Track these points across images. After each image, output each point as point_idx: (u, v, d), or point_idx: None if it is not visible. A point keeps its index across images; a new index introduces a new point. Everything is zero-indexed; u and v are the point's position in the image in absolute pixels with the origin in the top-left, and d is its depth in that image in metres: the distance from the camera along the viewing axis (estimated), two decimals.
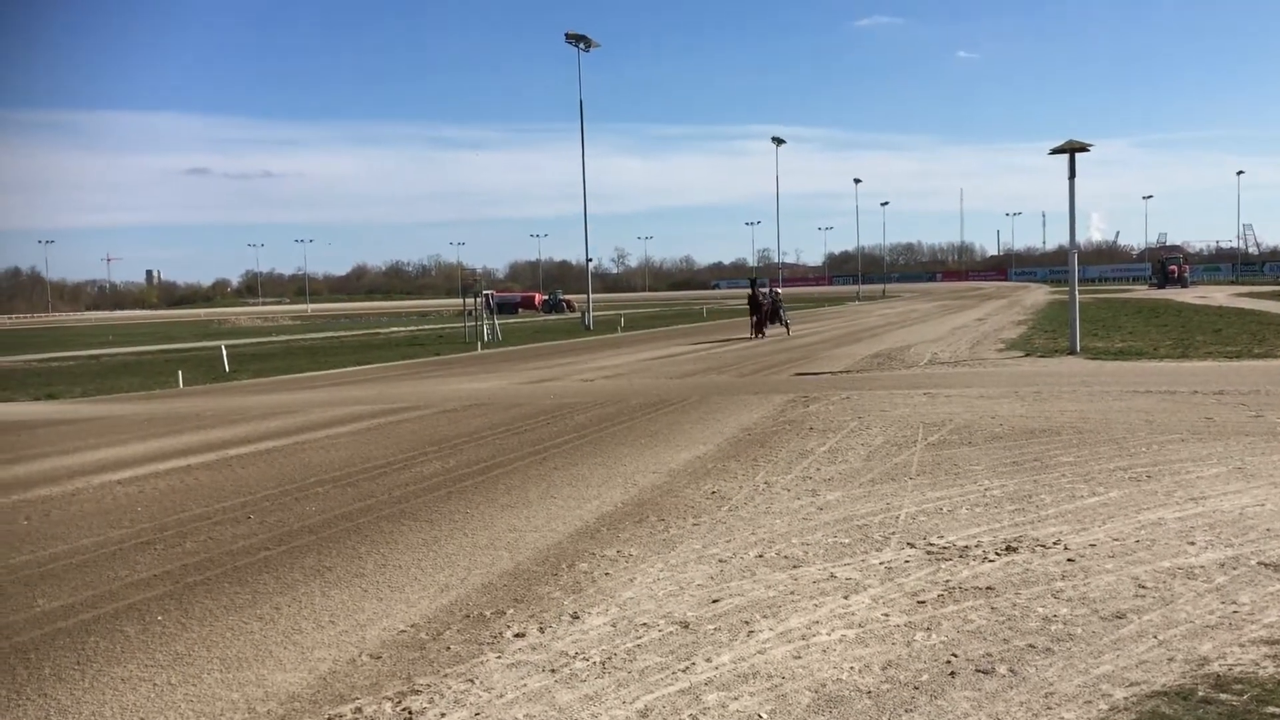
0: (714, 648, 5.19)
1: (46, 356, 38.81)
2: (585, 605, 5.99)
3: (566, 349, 35.35)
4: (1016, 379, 17.55)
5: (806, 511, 8.15)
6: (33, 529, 8.65)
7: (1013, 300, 71.27)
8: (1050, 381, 16.87)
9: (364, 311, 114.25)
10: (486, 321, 42.03)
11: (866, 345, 29.81)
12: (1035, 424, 12.13)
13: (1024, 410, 13.38)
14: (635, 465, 10.70)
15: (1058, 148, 22.37)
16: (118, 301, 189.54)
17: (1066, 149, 22.24)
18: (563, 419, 14.75)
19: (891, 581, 6.19)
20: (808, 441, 11.68)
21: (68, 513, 9.28)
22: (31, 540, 8.20)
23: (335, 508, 9.05)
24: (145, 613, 6.20)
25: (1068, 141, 22.28)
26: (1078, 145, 22.18)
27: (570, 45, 55.10)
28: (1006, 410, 13.43)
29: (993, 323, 40.69)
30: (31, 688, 5.05)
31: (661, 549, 7.23)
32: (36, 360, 36.42)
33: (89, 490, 10.33)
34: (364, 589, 6.56)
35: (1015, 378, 17.80)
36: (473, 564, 7.07)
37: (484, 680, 4.91)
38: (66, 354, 40.22)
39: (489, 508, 8.86)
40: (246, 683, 5.04)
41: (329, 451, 12.40)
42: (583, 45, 55.22)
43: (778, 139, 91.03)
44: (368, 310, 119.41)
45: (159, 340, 51.95)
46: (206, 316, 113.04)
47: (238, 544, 7.83)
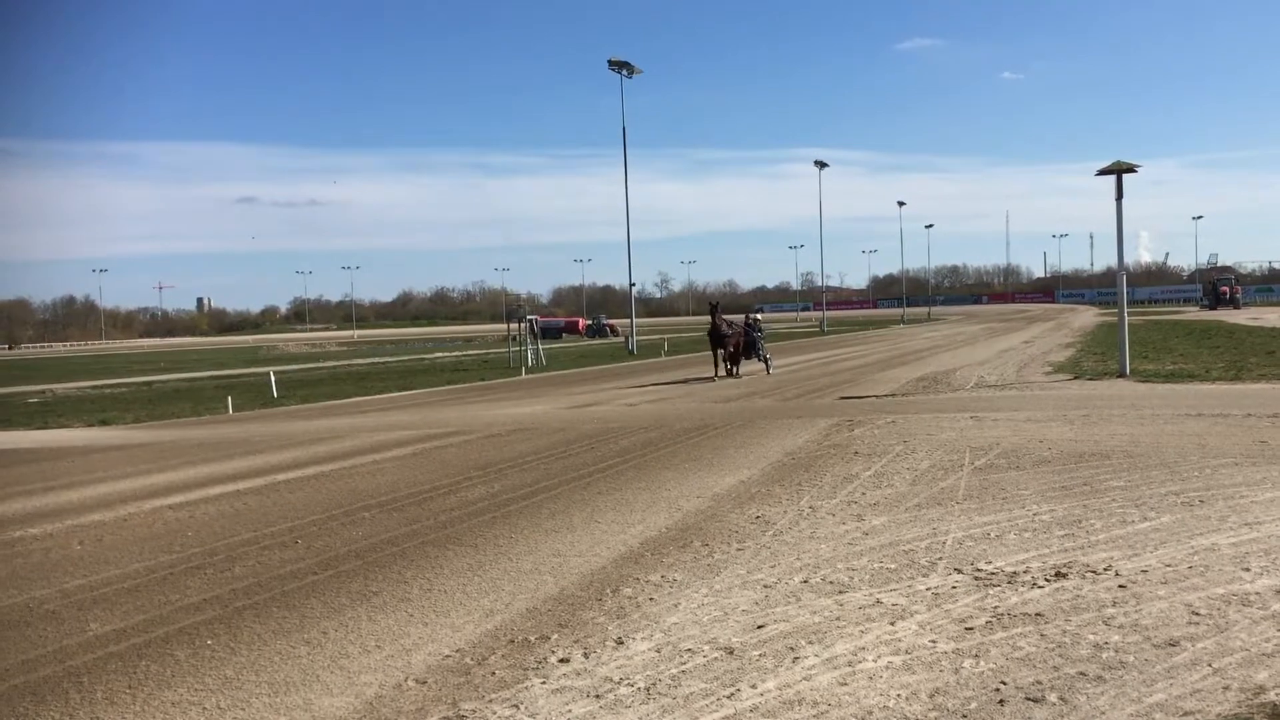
0: (759, 674, 5.16)
1: (100, 383, 39.47)
2: (629, 630, 5.98)
3: (610, 373, 35.40)
4: (1065, 402, 17.34)
5: (852, 536, 8.09)
6: (85, 553, 8.78)
7: (1060, 322, 70.50)
8: (1099, 405, 16.65)
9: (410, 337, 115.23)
10: (531, 346, 42.21)
11: (912, 368, 29.60)
12: (1084, 448, 11.97)
13: (1073, 434, 13.21)
14: (679, 490, 10.68)
15: (1105, 169, 22.15)
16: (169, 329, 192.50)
17: (1114, 170, 22.02)
18: (606, 443, 14.76)
19: (939, 608, 6.12)
20: (853, 466, 11.61)
21: (120, 537, 9.42)
22: (84, 565, 8.33)
23: (381, 532, 9.12)
24: (195, 637, 6.27)
25: (1115, 162, 22.05)
26: (1125, 166, 21.96)
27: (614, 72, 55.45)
28: (1055, 434, 13.27)
29: (1040, 345, 40.26)
30: (84, 711, 5.12)
31: (706, 574, 7.21)
32: (90, 387, 37.05)
33: (140, 515, 10.48)
34: (410, 613, 6.59)
35: (1063, 401, 17.58)
36: (517, 589, 7.08)
37: (529, 706, 4.91)
38: (120, 381, 40.88)
39: (533, 532, 8.88)
40: (294, 707, 5.08)
41: (375, 477, 12.50)
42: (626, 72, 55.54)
43: (820, 162, 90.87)
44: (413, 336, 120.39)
45: (209, 367, 52.68)
46: (256, 343, 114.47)
47: (285, 569, 7.90)
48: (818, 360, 37.61)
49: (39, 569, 8.24)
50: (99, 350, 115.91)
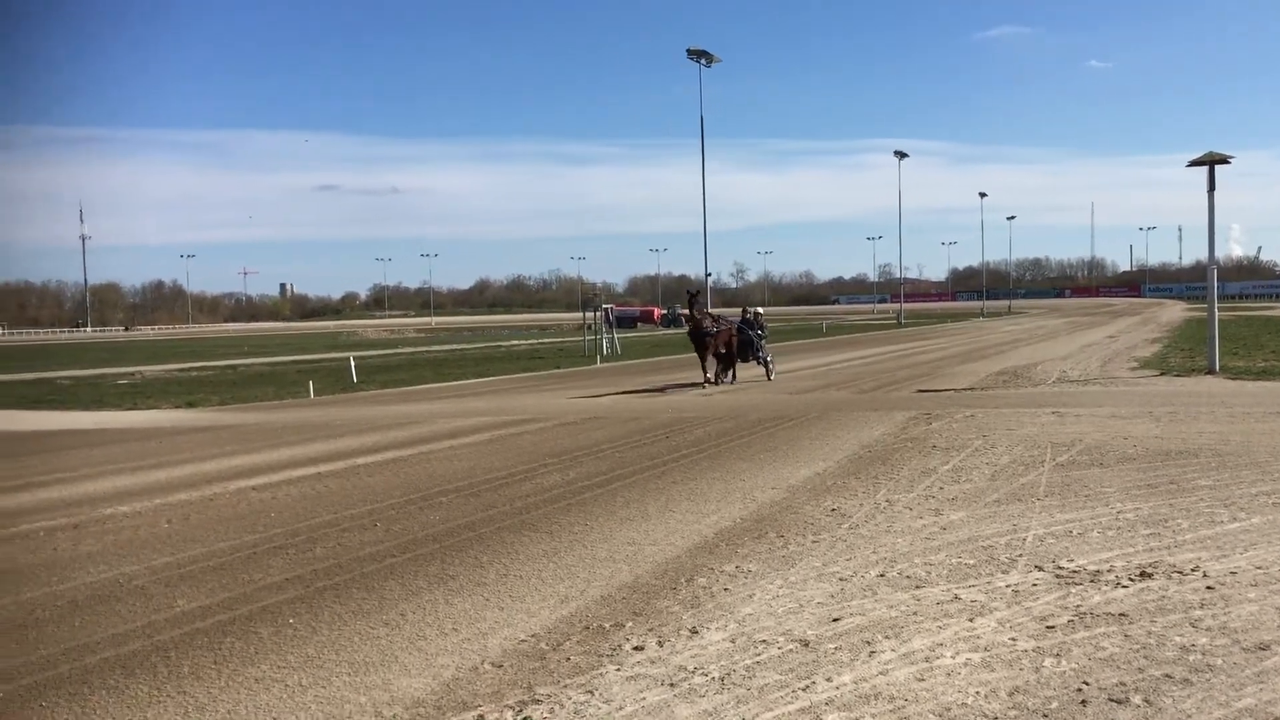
0: (835, 667, 5.12)
1: (187, 366, 40.47)
2: (704, 620, 5.98)
3: (684, 363, 35.35)
4: (1151, 398, 16.93)
5: (929, 531, 7.99)
6: (173, 532, 9.02)
7: (1146, 317, 68.86)
8: (1187, 401, 16.23)
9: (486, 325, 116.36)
10: (606, 335, 42.34)
11: (991, 362, 29.13)
12: (1171, 445, 11.68)
13: (1159, 431, 12.90)
14: (754, 481, 10.64)
15: (1196, 160, 21.54)
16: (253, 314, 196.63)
17: (1206, 161, 21.40)
18: (681, 433, 14.76)
19: (1019, 605, 6.02)
20: (930, 459, 11.46)
21: (205, 517, 9.65)
22: (172, 543, 8.55)
23: (458, 517, 9.22)
24: (278, 615, 6.40)
25: (1207, 153, 21.44)
26: (1218, 157, 21.33)
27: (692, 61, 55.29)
28: (1140, 431, 12.97)
29: (1125, 340, 39.37)
30: (171, 685, 5.26)
31: (781, 566, 7.17)
32: (178, 370, 38.00)
33: (225, 495, 10.73)
34: (486, 598, 6.66)
35: (1149, 397, 17.17)
36: (592, 576, 7.12)
37: (603, 692, 4.93)
38: (206, 364, 41.87)
39: (608, 520, 8.92)
40: (373, 686, 5.16)
41: (452, 462, 12.64)
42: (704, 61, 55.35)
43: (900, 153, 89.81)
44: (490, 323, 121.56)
45: (291, 351, 53.71)
46: (336, 328, 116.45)
47: (365, 551, 8.03)
48: (894, 353, 37.20)
49: (129, 546, 8.47)
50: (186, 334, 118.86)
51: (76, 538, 8.85)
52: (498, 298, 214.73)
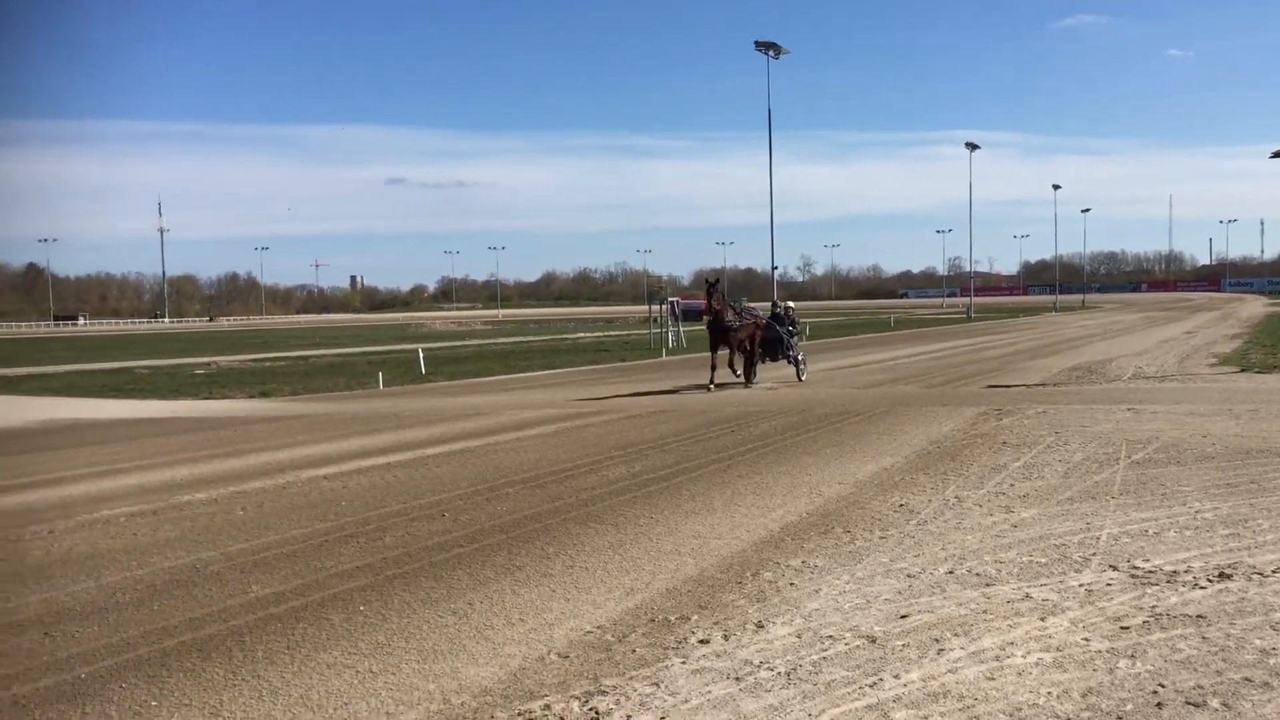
0: (902, 664, 5.07)
1: (260, 357, 41.24)
2: (770, 615, 5.96)
3: None
4: (1230, 395, 16.52)
5: (1000, 528, 7.88)
6: (248, 519, 9.20)
7: (1226, 312, 67.20)
8: (1268, 399, 15.81)
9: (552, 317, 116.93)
10: (671, 328, 42.34)
11: (1064, 358, 28.62)
12: (1251, 444, 11.38)
13: (1239, 429, 12.58)
14: (820, 475, 10.58)
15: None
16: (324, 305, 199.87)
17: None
18: (747, 427, 14.71)
19: (1092, 605, 5.91)
20: (1001, 456, 11.30)
21: (279, 504, 9.83)
22: (247, 530, 8.73)
23: (525, 508, 9.29)
24: (349, 602, 6.50)
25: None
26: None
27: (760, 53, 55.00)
28: (1219, 429, 12.66)
29: (1204, 336, 38.45)
30: (246, 669, 5.37)
31: (848, 561, 7.12)
32: (252, 360, 38.74)
33: (298, 484, 10.92)
34: (552, 589, 6.70)
35: (1229, 394, 16.75)
36: (658, 569, 7.13)
37: (669, 685, 4.94)
38: (278, 355, 42.64)
39: (674, 513, 8.92)
40: (442, 674, 5.22)
41: (519, 453, 12.73)
42: (772, 52, 55.00)
43: (971, 144, 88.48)
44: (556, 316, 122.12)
45: (361, 343, 54.47)
46: (405, 320, 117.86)
47: (433, 540, 8.12)
48: (963, 347, 36.72)
49: (205, 532, 8.66)
50: (259, 325, 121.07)
51: (155, 524, 9.06)
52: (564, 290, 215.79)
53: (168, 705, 4.89)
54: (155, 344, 61.13)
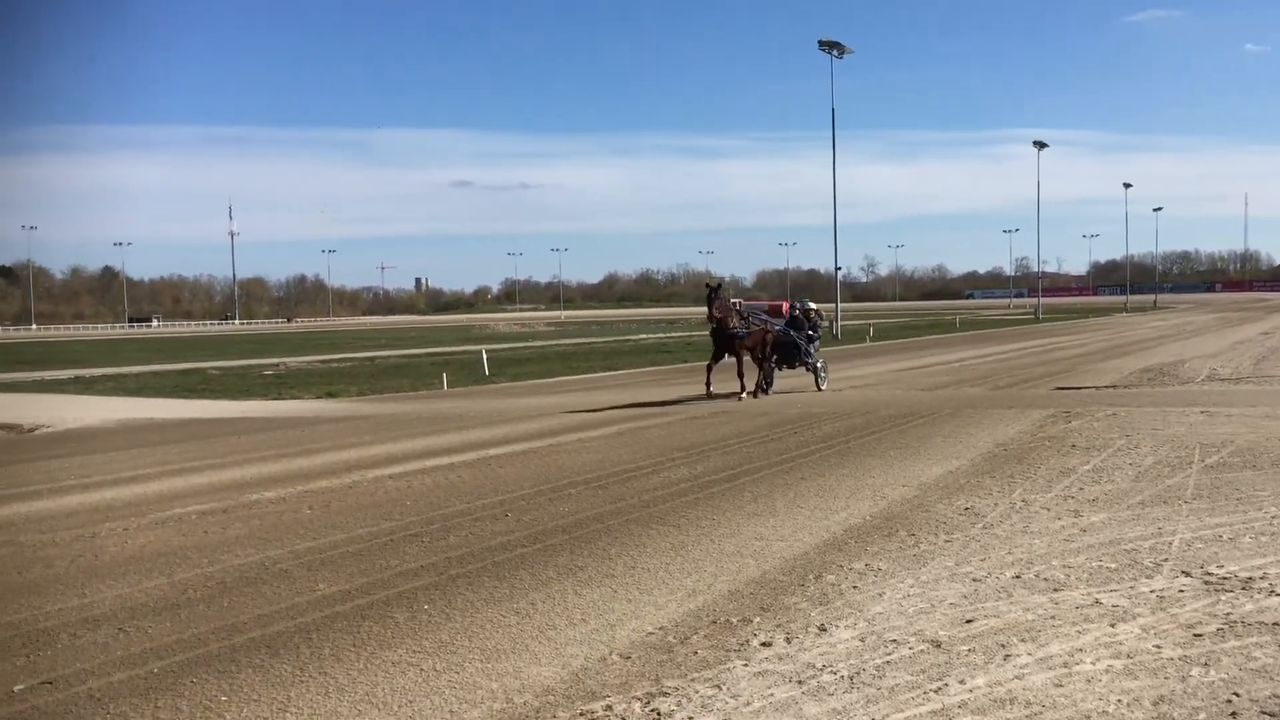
0: (968, 669, 5.01)
1: (328, 357, 41.85)
2: (833, 618, 5.92)
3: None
4: None
5: (1068, 533, 7.74)
6: (314, 517, 9.34)
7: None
8: None
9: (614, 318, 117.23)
10: None
11: (1135, 359, 28.07)
12: None
13: None
14: (884, 478, 10.48)
15: None
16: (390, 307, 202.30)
17: None
18: (809, 428, 14.62)
19: (1164, 611, 5.79)
20: (1069, 459, 11.11)
21: (345, 504, 9.97)
22: (314, 528, 8.86)
23: (587, 509, 9.32)
24: (413, 601, 6.57)
25: None
26: None
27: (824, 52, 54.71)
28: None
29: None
30: (313, 666, 5.45)
31: (912, 564, 7.05)
32: (319, 361, 39.32)
33: (364, 484, 11.06)
34: (614, 589, 6.71)
35: None
36: (719, 570, 7.11)
37: (731, 687, 4.92)
38: (345, 356, 43.24)
39: (736, 515, 8.89)
40: (505, 674, 5.26)
41: (581, 454, 12.78)
42: (836, 52, 54.73)
43: (1040, 143, 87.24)
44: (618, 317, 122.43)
45: (426, 344, 55.04)
46: (468, 321, 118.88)
47: (496, 540, 8.18)
48: (1031, 349, 36.18)
49: (274, 530, 8.81)
50: (327, 326, 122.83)
51: (226, 522, 9.24)
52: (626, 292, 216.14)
53: (237, 700, 4.98)
54: (226, 345, 62.32)
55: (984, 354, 33.78)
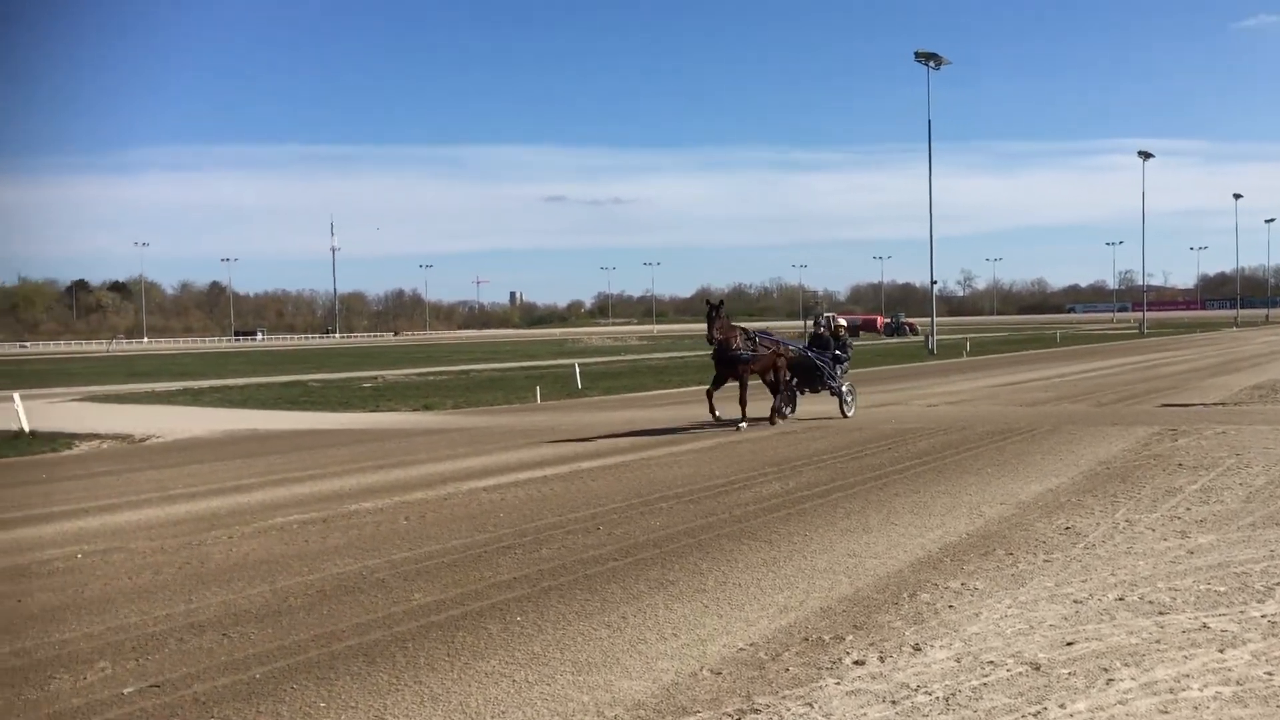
0: (1068, 693, 4.88)
1: (424, 370, 42.54)
2: (928, 637, 5.82)
3: (908, 373, 34.59)
4: None
5: (1175, 554, 7.50)
6: (410, 528, 9.50)
7: None
8: None
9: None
10: None
11: (1246, 375, 27.12)
12: None
13: None
14: (981, 495, 10.28)
15: None
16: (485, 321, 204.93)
17: None
18: (904, 444, 14.42)
19: (1276, 637, 5.57)
20: (1176, 478, 10.77)
21: (440, 515, 10.12)
22: (410, 539, 9.01)
23: (678, 523, 9.32)
24: (506, 612, 6.64)
25: None
26: None
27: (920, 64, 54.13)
28: None
29: None
30: (409, 675, 5.54)
31: (1010, 584, 6.90)
32: (416, 374, 40.00)
33: (458, 496, 11.21)
34: (705, 604, 6.70)
35: None
36: (811, 587, 7.05)
37: (823, 705, 4.87)
38: (441, 369, 43.90)
39: (828, 531, 8.81)
40: (595, 686, 5.28)
41: (672, 468, 12.78)
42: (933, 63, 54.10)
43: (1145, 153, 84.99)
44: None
45: (520, 357, 55.64)
46: (562, 335, 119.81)
47: (588, 553, 8.22)
48: (1136, 364, 35.20)
49: (371, 540, 8.98)
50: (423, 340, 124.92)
51: (325, 531, 9.44)
52: None
53: (335, 707, 5.08)
54: (326, 358, 63.75)
55: (1085, 369, 32.96)
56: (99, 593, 7.39)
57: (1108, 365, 34.99)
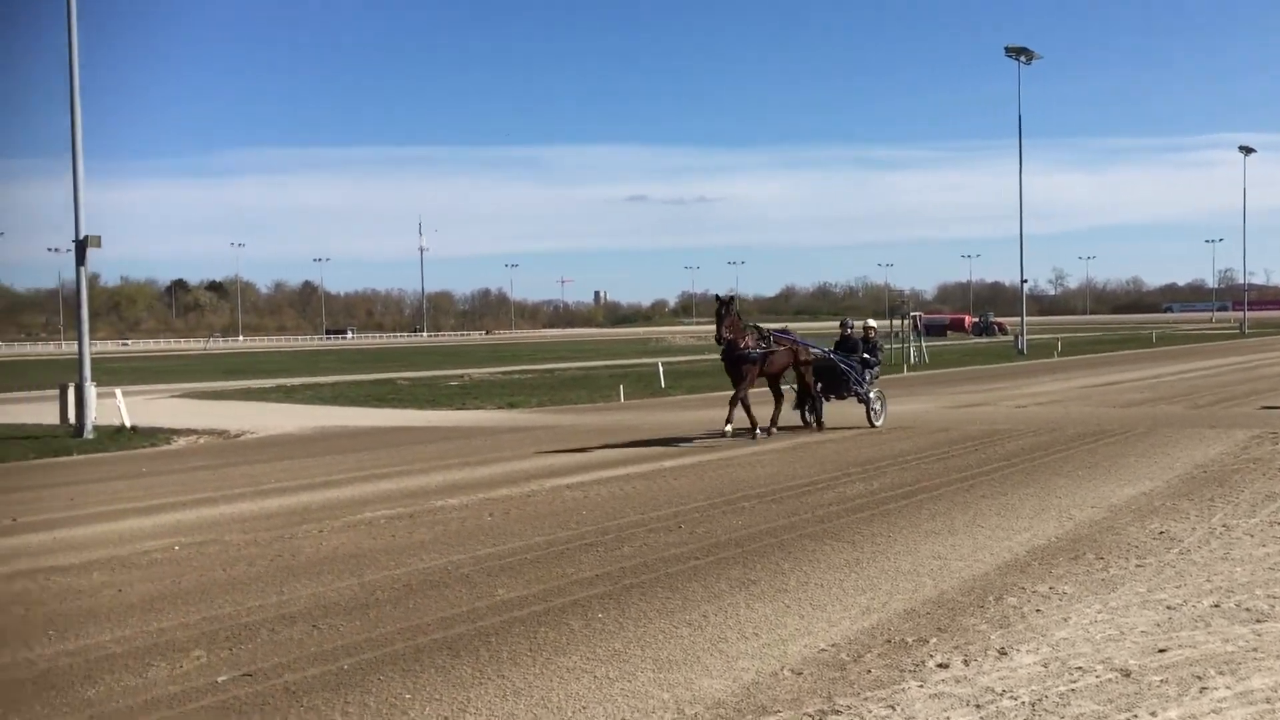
0: (1159, 701, 4.76)
1: (509, 369, 42.99)
2: (1014, 641, 5.72)
3: (997, 373, 34.01)
4: None
5: (1274, 560, 7.27)
6: (494, 524, 9.61)
7: None
8: None
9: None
10: (913, 343, 41.35)
11: None
12: None
13: None
14: (1071, 498, 10.07)
15: None
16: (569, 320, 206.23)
17: None
18: (991, 445, 14.19)
19: None
20: (1276, 483, 10.44)
21: (524, 512, 10.23)
22: (494, 535, 9.12)
23: (760, 523, 9.29)
24: (587, 609, 6.69)
25: None
26: None
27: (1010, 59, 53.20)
28: None
29: None
30: (492, 669, 5.61)
31: (1100, 589, 6.75)
32: (501, 373, 40.43)
33: (542, 493, 11.32)
34: (786, 604, 6.67)
35: None
36: (895, 589, 6.98)
37: (905, 708, 4.82)
38: (526, 368, 44.32)
39: (912, 533, 8.71)
40: (676, 684, 5.29)
41: (755, 468, 12.74)
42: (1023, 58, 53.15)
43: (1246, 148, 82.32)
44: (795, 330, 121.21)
45: (604, 356, 55.88)
46: (645, 334, 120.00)
47: (669, 551, 8.24)
48: (1236, 365, 34.14)
49: (456, 536, 9.11)
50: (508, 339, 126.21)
51: (412, 526, 9.61)
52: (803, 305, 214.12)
53: (419, 699, 5.17)
54: (415, 356, 64.74)
55: (1182, 370, 32.07)
56: (195, 583, 7.62)
57: (1206, 366, 34.00)
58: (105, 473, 14.47)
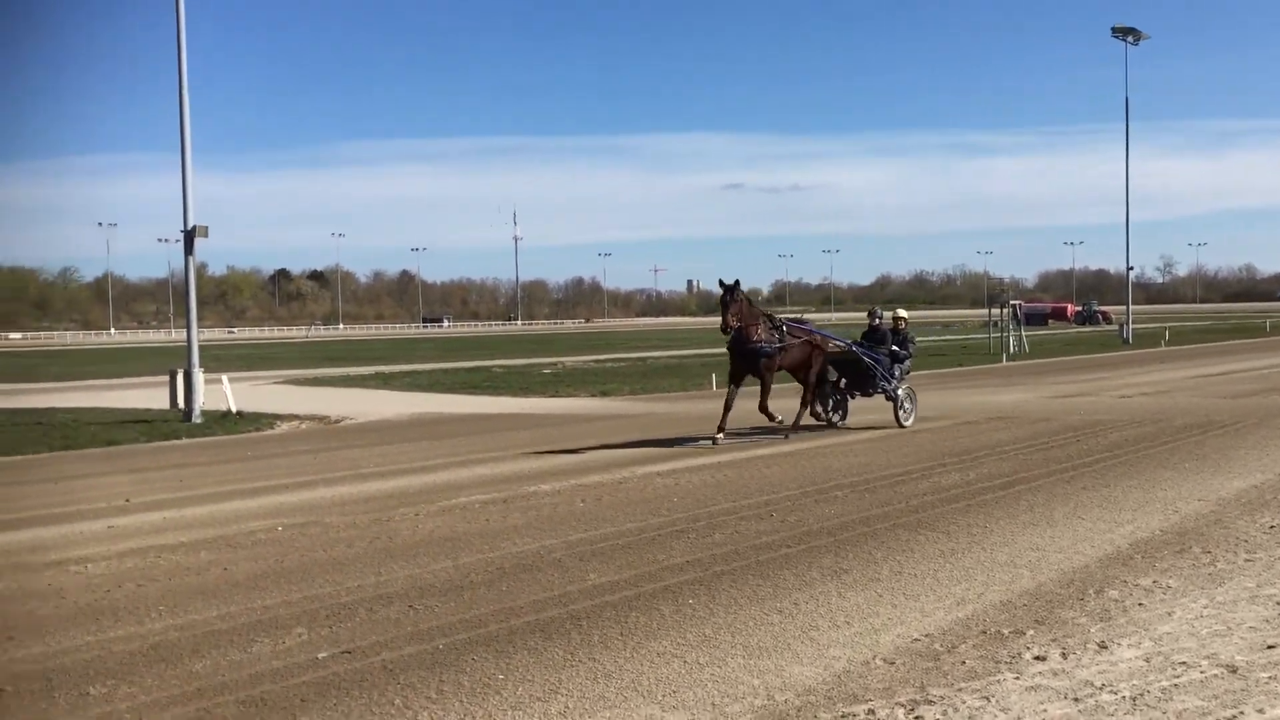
0: (1268, 698, 4.61)
1: (602, 357, 43.21)
2: (1114, 635, 5.59)
3: (1100, 363, 33.14)
4: None
5: None
6: (587, 510, 9.69)
7: None
8: None
9: None
10: (1013, 332, 40.53)
11: None
12: None
13: None
14: (1177, 491, 9.78)
15: None
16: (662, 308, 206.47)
17: None
18: (1093, 436, 13.84)
19: None
20: None
21: (616, 498, 10.29)
22: (586, 521, 9.19)
23: (853, 512, 9.21)
24: (678, 595, 6.70)
25: None
26: None
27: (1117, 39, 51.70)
28: None
29: None
30: (583, 652, 5.66)
31: (1206, 583, 6.55)
32: (594, 361, 40.67)
33: (633, 480, 11.37)
34: (879, 594, 6.60)
35: None
36: (990, 580, 6.86)
37: (1000, 700, 4.75)
38: (619, 356, 44.51)
39: (1009, 524, 8.55)
40: (766, 671, 5.28)
41: (848, 457, 12.63)
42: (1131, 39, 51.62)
43: None
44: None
45: (696, 345, 55.83)
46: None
47: (760, 539, 8.22)
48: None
49: (549, 521, 9.21)
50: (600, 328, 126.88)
51: (505, 511, 9.73)
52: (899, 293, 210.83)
53: (512, 680, 5.24)
54: (509, 344, 65.49)
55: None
56: (296, 563, 7.83)
57: None
58: (212, 456, 14.94)
